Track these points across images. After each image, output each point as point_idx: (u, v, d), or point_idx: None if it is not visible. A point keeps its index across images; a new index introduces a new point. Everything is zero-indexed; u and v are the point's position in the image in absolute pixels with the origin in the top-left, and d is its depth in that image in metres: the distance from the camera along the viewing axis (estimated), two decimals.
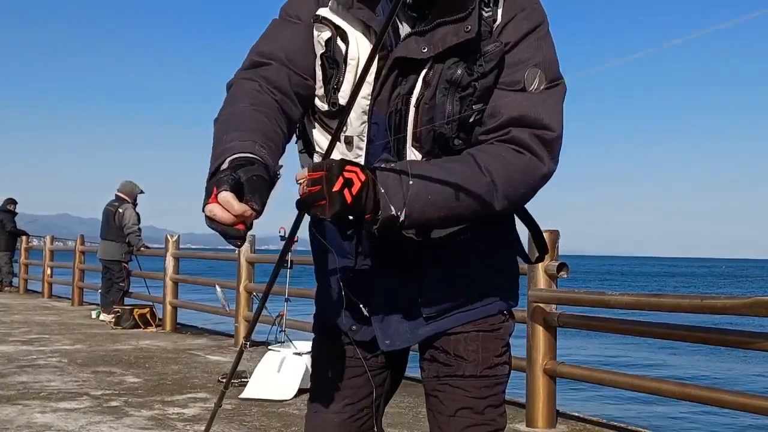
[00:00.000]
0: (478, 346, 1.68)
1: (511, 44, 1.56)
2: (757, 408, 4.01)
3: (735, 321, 13.71)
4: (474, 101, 1.54)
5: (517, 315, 5.29)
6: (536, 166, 1.55)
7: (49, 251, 15.84)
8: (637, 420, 7.65)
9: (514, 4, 1.59)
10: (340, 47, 1.57)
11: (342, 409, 1.76)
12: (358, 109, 1.57)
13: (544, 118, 1.55)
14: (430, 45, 1.53)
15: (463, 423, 1.67)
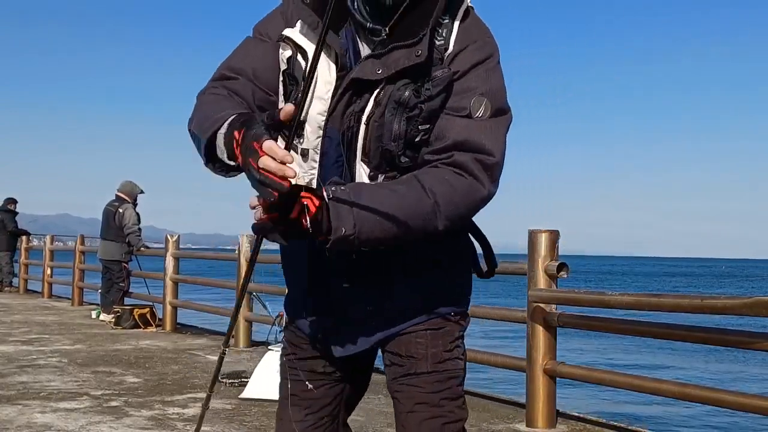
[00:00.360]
0: (427, 343, 1.78)
1: (460, 73, 1.66)
2: (757, 408, 4.01)
3: (735, 321, 13.72)
4: (420, 122, 1.64)
5: (517, 315, 5.35)
6: (477, 189, 1.65)
7: (49, 251, 15.84)
8: (637, 420, 7.66)
9: (467, 36, 1.69)
10: (300, 65, 1.68)
11: (304, 417, 1.90)
12: (314, 124, 1.68)
13: (486, 144, 1.65)
14: (384, 67, 1.64)
15: (421, 417, 1.77)
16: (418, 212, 1.61)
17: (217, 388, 5.98)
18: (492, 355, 6.02)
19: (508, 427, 4.93)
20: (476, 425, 4.94)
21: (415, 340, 1.79)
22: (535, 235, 5.02)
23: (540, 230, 5.02)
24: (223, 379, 6.25)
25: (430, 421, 1.77)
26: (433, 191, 1.61)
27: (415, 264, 1.77)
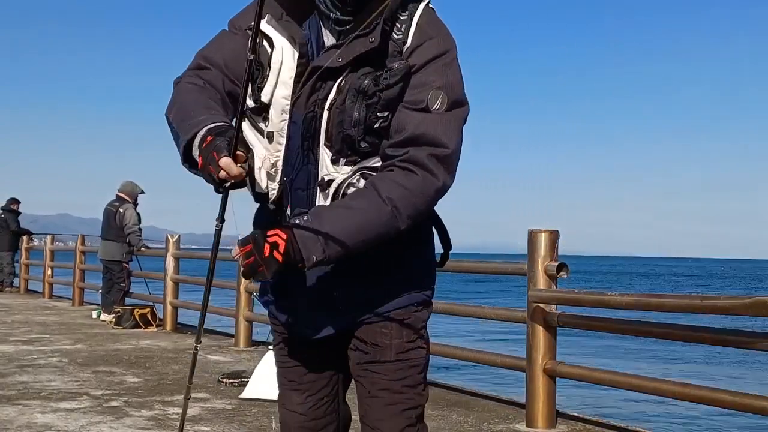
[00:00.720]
0: (392, 333, 1.90)
1: (417, 66, 1.76)
2: (757, 408, 4.01)
3: (735, 321, 13.71)
4: (378, 109, 1.75)
5: (517, 315, 5.36)
6: (431, 183, 1.76)
7: (49, 251, 15.85)
8: (637, 420, 7.66)
9: (424, 32, 1.79)
10: (265, 50, 1.79)
11: (304, 400, 2.03)
12: (278, 107, 1.80)
13: (441, 138, 1.75)
14: (343, 55, 1.75)
15: (383, 402, 1.91)
16: (379, 222, 1.73)
17: (216, 388, 5.99)
18: (492, 355, 6.02)
19: (508, 427, 4.93)
20: (476, 425, 4.95)
21: (380, 330, 1.90)
22: (535, 235, 5.02)
23: (540, 230, 5.02)
24: (223, 379, 6.25)
25: (391, 406, 1.91)
26: (389, 197, 1.73)
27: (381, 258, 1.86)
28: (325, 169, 1.80)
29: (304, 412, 2.04)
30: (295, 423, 2.05)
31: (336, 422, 2.07)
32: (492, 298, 29.65)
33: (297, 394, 2.05)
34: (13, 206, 16.78)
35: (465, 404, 5.58)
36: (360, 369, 1.95)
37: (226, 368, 6.92)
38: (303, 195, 1.84)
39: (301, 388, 2.04)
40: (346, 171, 1.80)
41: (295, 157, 1.82)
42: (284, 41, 1.80)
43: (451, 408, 5.42)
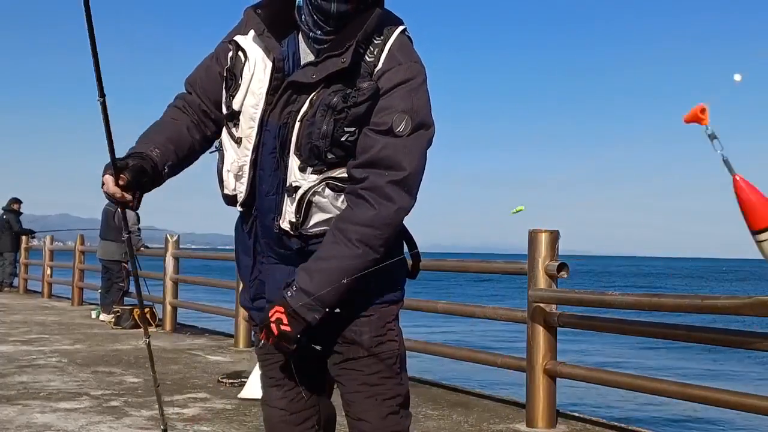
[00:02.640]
0: (362, 330, 2.03)
1: (384, 90, 1.89)
2: (757, 408, 4.01)
3: (735, 321, 13.70)
4: (346, 124, 1.87)
5: (517, 315, 5.35)
6: (391, 211, 1.90)
7: (49, 251, 15.84)
8: (637, 420, 7.65)
9: (394, 58, 1.92)
10: (240, 62, 1.95)
11: (284, 395, 2.16)
12: (247, 116, 1.95)
13: (402, 161, 1.89)
14: (317, 72, 1.89)
15: (364, 395, 2.04)
16: (356, 263, 1.90)
17: (216, 388, 5.98)
18: (492, 355, 6.02)
19: (508, 427, 4.93)
20: (476, 425, 4.94)
21: (351, 327, 2.03)
22: (535, 235, 5.02)
23: (540, 230, 5.02)
24: (223, 379, 6.25)
25: (372, 398, 2.04)
26: (359, 240, 1.89)
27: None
28: (293, 176, 1.92)
29: (284, 406, 2.16)
30: (277, 417, 2.18)
31: (316, 416, 2.19)
32: (492, 298, 29.65)
33: (277, 390, 2.18)
34: (15, 206, 16.76)
35: (465, 404, 5.57)
36: (338, 369, 2.08)
37: (226, 368, 6.92)
38: (272, 199, 1.98)
39: (281, 383, 2.16)
40: (313, 179, 1.92)
41: (267, 163, 1.96)
42: (258, 54, 1.95)
43: (451, 408, 5.42)
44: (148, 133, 2.06)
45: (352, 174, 1.91)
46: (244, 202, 2.03)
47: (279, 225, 1.97)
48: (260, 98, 1.93)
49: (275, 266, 2.06)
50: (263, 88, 1.93)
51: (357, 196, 1.91)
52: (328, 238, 1.93)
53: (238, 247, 2.18)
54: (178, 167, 2.09)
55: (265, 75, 1.93)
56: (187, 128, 2.08)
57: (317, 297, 1.89)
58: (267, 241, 2.05)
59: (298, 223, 1.95)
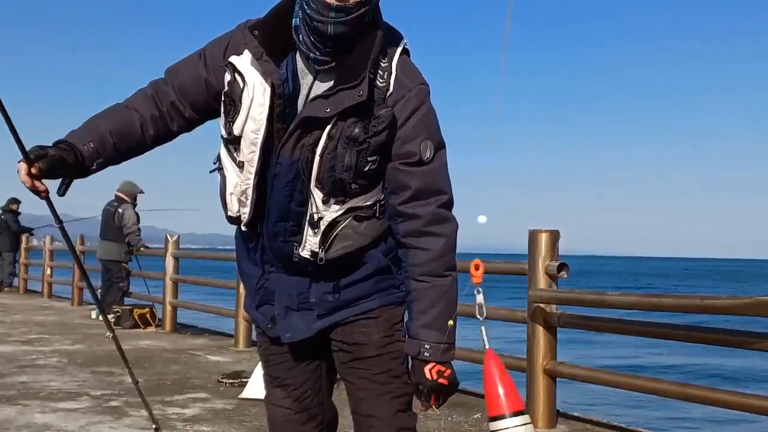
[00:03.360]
0: (370, 331, 2.08)
1: (401, 120, 1.93)
2: (757, 408, 4.01)
3: (735, 321, 13.67)
4: (369, 154, 1.90)
5: (517, 315, 5.35)
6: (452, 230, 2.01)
7: (48, 251, 15.83)
8: (637, 420, 7.65)
9: (403, 84, 1.96)
10: (238, 89, 1.94)
11: (288, 394, 2.19)
12: (248, 141, 1.95)
13: (442, 186, 1.99)
14: (332, 106, 1.89)
15: (373, 393, 2.09)
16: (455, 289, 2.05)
17: (216, 388, 5.98)
18: None
19: None
20: (476, 425, 4.94)
21: (358, 329, 2.08)
22: (535, 235, 5.02)
23: (540, 230, 5.01)
24: (223, 380, 6.25)
25: (382, 396, 2.09)
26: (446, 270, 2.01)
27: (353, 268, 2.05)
28: (315, 208, 1.95)
29: (288, 405, 2.19)
30: (281, 416, 2.20)
31: (321, 415, 2.23)
32: (492, 298, 29.61)
33: (281, 390, 2.20)
34: (13, 206, 16.73)
35: (465, 404, 5.57)
36: (346, 368, 2.13)
37: (226, 368, 6.91)
38: (281, 226, 2.02)
39: (285, 383, 2.19)
40: (336, 209, 1.96)
41: (279, 194, 1.98)
42: (257, 78, 1.93)
43: (452, 408, 5.41)
44: (95, 119, 2.05)
45: (401, 211, 1.98)
46: (248, 223, 2.05)
47: (299, 254, 2.00)
48: (261, 124, 1.93)
49: (284, 276, 2.10)
50: (264, 113, 1.93)
51: (420, 234, 1.98)
52: (421, 286, 2.00)
53: (241, 256, 2.21)
54: (114, 161, 2.08)
55: (265, 99, 1.93)
56: (142, 123, 2.05)
57: (449, 345, 2.02)
58: (276, 257, 2.08)
59: (320, 252, 1.98)
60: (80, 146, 1.98)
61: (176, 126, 2.10)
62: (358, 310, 2.08)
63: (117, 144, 2.03)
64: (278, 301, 2.11)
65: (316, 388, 2.21)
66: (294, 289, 2.08)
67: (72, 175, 1.99)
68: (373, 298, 2.08)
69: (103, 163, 2.04)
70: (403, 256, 2.02)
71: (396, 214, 1.99)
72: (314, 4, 1.87)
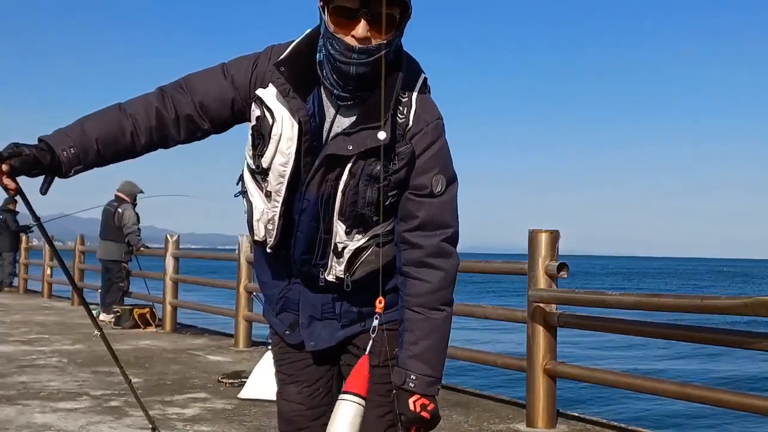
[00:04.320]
0: (383, 342, 2.13)
1: (417, 153, 1.99)
2: (757, 408, 4.01)
3: (735, 321, 13.69)
4: (389, 190, 1.98)
5: (518, 315, 5.35)
6: (452, 265, 2.07)
7: (48, 251, 15.83)
8: (637, 420, 7.65)
9: (422, 119, 2.01)
10: (267, 124, 1.99)
11: (301, 391, 2.26)
12: (276, 173, 2.02)
13: (448, 220, 2.04)
14: (353, 144, 1.95)
15: (370, 405, 2.07)
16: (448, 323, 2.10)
17: (216, 388, 5.98)
18: (492, 355, 6.01)
19: (508, 427, 4.93)
20: (476, 425, 4.94)
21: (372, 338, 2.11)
22: (535, 235, 5.02)
23: (540, 230, 5.01)
24: (223, 380, 6.25)
25: (375, 410, 2.12)
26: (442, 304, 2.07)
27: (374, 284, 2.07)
28: (339, 238, 2.04)
29: (301, 401, 2.26)
30: (292, 411, 2.27)
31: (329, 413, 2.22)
32: (492, 298, 29.63)
33: (295, 386, 2.27)
34: (11, 206, 16.73)
35: (465, 404, 5.57)
36: (350, 370, 2.14)
37: (226, 368, 6.91)
38: (309, 257, 2.10)
39: (299, 380, 2.26)
40: (358, 239, 2.04)
41: (306, 227, 2.06)
42: (285, 114, 1.98)
43: (451, 408, 5.41)
44: (85, 121, 2.05)
45: (405, 239, 2.04)
46: (273, 247, 2.12)
47: (325, 278, 2.09)
48: (289, 157, 1.99)
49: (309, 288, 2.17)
50: (292, 147, 1.99)
51: (420, 264, 2.03)
52: (415, 318, 2.06)
53: (261, 267, 2.27)
54: (96, 166, 2.08)
55: (293, 134, 1.98)
56: (132, 132, 2.06)
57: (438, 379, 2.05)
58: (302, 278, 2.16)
59: (346, 279, 2.07)
60: (59, 150, 1.98)
61: (182, 136, 2.12)
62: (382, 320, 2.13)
63: (102, 151, 2.03)
64: (303, 310, 2.18)
65: (327, 386, 2.27)
66: (319, 300, 2.16)
67: (49, 175, 2.00)
68: (390, 312, 2.13)
69: (82, 169, 2.04)
70: (401, 285, 2.07)
71: (401, 240, 2.05)
72: (337, 45, 1.90)
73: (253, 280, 8.93)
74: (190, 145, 2.26)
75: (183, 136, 2.12)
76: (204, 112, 2.08)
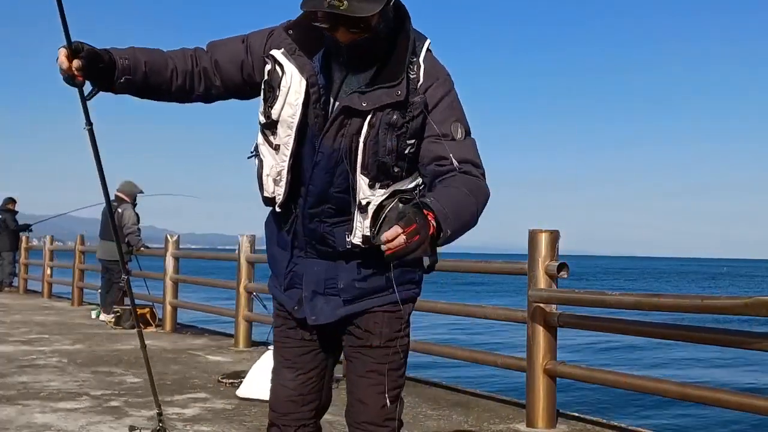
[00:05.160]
0: (383, 323, 2.23)
1: (432, 105, 2.13)
2: (757, 408, 4.01)
3: (735, 321, 13.69)
4: (407, 137, 2.09)
5: (518, 315, 5.35)
6: (486, 188, 2.15)
7: (49, 251, 15.84)
8: (637, 420, 7.66)
9: (431, 74, 2.16)
10: (277, 75, 2.14)
11: (295, 377, 2.34)
12: (285, 125, 2.14)
13: (476, 159, 2.16)
14: (368, 101, 2.08)
15: (369, 382, 2.25)
16: (470, 210, 2.06)
17: (216, 388, 5.98)
18: (492, 355, 6.01)
19: (508, 427, 4.93)
20: (476, 425, 4.94)
21: (373, 320, 2.23)
22: (535, 235, 5.02)
23: (540, 230, 5.02)
24: (223, 380, 6.25)
25: (376, 386, 2.23)
26: (473, 193, 2.07)
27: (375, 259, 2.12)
28: (363, 194, 2.10)
29: (294, 387, 2.34)
30: (285, 395, 2.35)
31: (319, 400, 2.38)
32: (492, 298, 29.64)
33: (290, 371, 2.35)
34: (10, 206, 16.73)
35: (465, 404, 5.57)
36: (353, 351, 2.28)
37: (226, 368, 6.91)
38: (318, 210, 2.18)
39: (295, 366, 2.34)
40: (381, 193, 2.10)
41: (319, 180, 2.15)
42: (294, 70, 2.13)
43: (451, 408, 5.42)
44: (134, 49, 2.22)
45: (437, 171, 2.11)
46: (282, 204, 2.21)
47: (351, 241, 2.15)
48: (297, 108, 2.12)
49: (313, 260, 2.25)
50: (299, 99, 2.11)
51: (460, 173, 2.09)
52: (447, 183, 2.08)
53: (270, 241, 2.37)
54: (138, 89, 2.23)
55: (301, 87, 2.12)
56: (173, 70, 2.23)
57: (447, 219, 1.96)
58: (308, 240, 2.23)
59: (372, 236, 2.10)
60: (116, 57, 2.14)
61: (199, 90, 2.28)
62: (379, 302, 2.23)
63: (148, 74, 2.19)
64: (306, 284, 2.25)
65: (320, 376, 2.36)
66: (323, 274, 2.23)
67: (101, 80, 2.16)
68: (392, 293, 2.21)
69: (130, 82, 2.17)
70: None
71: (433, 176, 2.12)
72: (329, 39, 2.09)
73: (254, 279, 8.95)
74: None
75: (202, 89, 2.28)
76: (217, 69, 2.25)
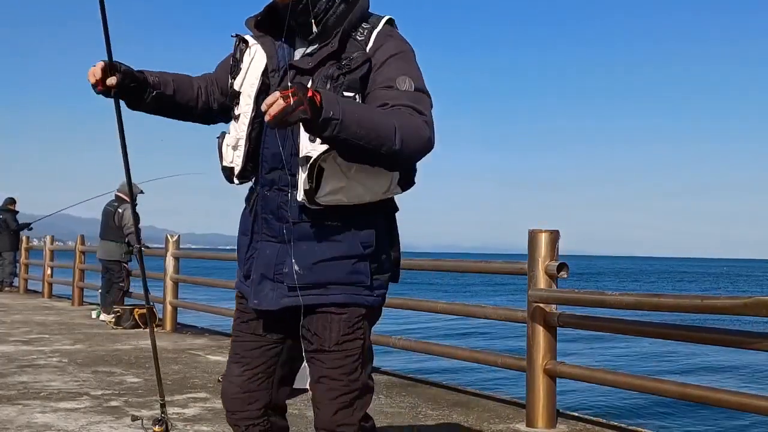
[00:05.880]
0: (328, 326, 2.19)
1: (380, 63, 2.14)
2: (757, 408, 4.01)
3: (735, 321, 13.69)
4: (344, 89, 2.09)
5: (517, 315, 5.35)
6: (424, 128, 2.06)
7: (49, 251, 15.83)
8: (637, 420, 7.66)
9: (383, 36, 2.19)
10: (242, 50, 2.29)
11: (242, 373, 2.34)
12: (246, 94, 2.25)
13: (418, 106, 2.09)
14: (312, 60, 2.18)
15: (324, 387, 2.21)
16: (384, 125, 1.98)
17: (216, 388, 5.98)
18: (492, 355, 6.01)
19: (508, 427, 4.93)
20: (476, 425, 4.94)
21: (321, 322, 2.20)
22: (535, 235, 5.02)
23: (540, 230, 5.01)
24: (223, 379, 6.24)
25: (328, 393, 2.20)
26: (394, 115, 2.03)
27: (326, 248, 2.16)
28: (305, 149, 2.08)
29: (240, 383, 2.34)
30: (230, 392, 2.35)
31: (267, 399, 2.34)
32: (492, 298, 29.65)
33: (237, 367, 2.35)
34: (10, 206, 16.74)
35: (465, 404, 5.57)
36: (308, 356, 2.27)
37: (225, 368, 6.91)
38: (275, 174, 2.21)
39: (242, 361, 2.34)
40: (321, 148, 2.05)
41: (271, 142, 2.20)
42: (258, 47, 2.27)
43: (451, 408, 5.42)
44: (163, 71, 2.37)
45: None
46: (240, 174, 2.27)
47: (296, 198, 2.13)
48: (256, 78, 2.23)
49: (267, 243, 2.25)
50: (259, 69, 2.23)
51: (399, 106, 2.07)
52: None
53: (239, 230, 2.40)
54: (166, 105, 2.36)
55: (261, 58, 2.25)
56: (198, 89, 2.41)
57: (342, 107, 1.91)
58: (265, 216, 2.25)
59: (312, 190, 2.07)
60: (147, 74, 2.29)
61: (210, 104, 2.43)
62: (325, 300, 2.18)
63: (176, 91, 2.34)
64: (256, 268, 2.27)
65: (268, 372, 2.33)
66: (274, 258, 2.22)
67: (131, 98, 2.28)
68: (343, 291, 2.18)
69: (159, 97, 2.30)
70: None
71: None
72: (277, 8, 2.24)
73: None
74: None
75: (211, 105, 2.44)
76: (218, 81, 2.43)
